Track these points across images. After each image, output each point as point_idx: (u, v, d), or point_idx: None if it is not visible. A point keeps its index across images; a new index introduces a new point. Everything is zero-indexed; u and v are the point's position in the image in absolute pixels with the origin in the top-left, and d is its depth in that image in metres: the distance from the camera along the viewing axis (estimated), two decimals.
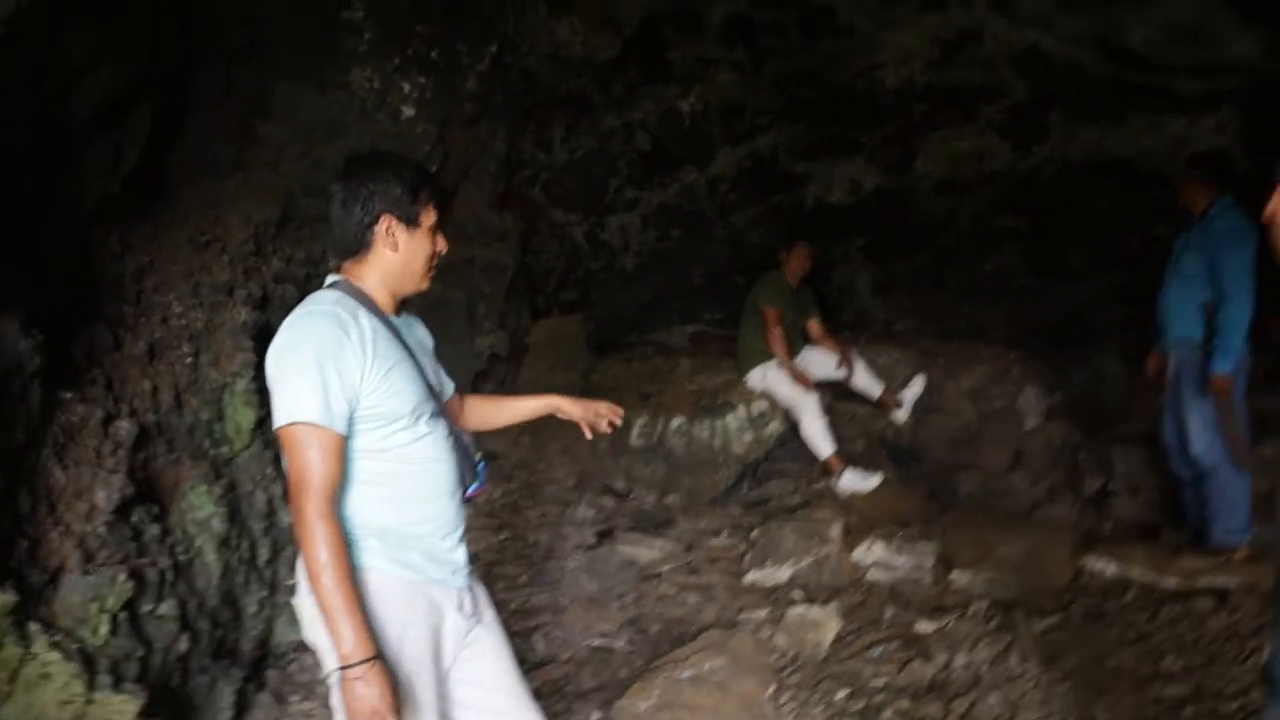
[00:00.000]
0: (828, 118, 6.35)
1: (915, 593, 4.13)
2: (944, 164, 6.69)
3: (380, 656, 1.76)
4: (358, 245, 1.95)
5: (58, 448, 2.69)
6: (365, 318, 1.88)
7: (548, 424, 5.66)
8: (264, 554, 3.67)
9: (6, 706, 2.29)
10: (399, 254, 1.96)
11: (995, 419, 5.98)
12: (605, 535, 4.69)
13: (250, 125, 4.35)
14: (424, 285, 2.04)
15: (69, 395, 2.81)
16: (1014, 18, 5.22)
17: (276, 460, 3.86)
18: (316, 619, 1.91)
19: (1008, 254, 7.25)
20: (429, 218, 1.99)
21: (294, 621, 3.70)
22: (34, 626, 2.35)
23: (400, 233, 1.95)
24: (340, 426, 1.79)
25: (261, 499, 3.70)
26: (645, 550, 4.47)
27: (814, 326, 5.82)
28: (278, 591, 3.72)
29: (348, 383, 1.80)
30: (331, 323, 1.81)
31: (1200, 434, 4.03)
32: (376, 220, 1.92)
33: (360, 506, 1.89)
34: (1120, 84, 5.52)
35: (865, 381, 5.78)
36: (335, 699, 1.91)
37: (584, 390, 6.01)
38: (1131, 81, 5.47)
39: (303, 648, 3.74)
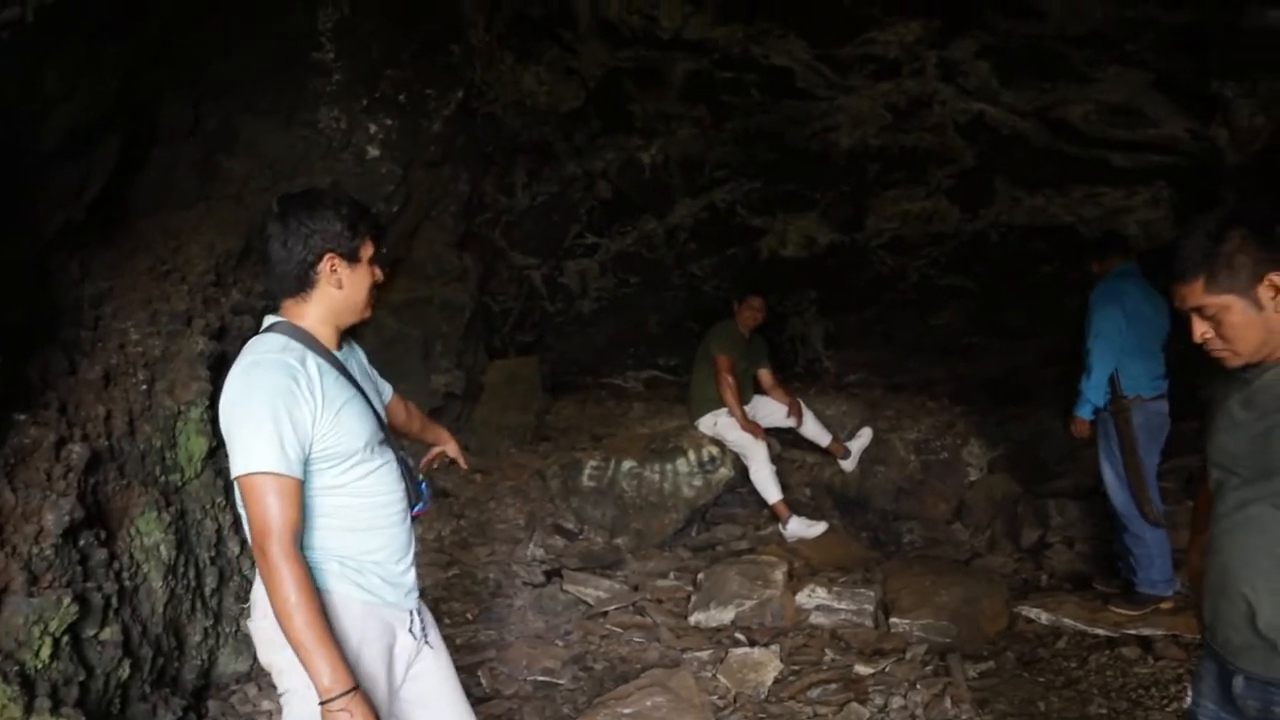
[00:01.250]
0: (784, 174, 6.56)
1: (855, 636, 4.23)
2: (894, 223, 6.92)
3: (359, 687, 1.80)
4: (301, 285, 1.97)
5: (8, 469, 2.70)
6: (312, 360, 1.91)
7: (499, 464, 5.75)
8: (210, 583, 3.66)
9: None
10: (343, 291, 1.98)
11: (939, 471, 6.15)
12: (553, 574, 4.73)
13: (215, 159, 4.39)
14: (366, 314, 2.08)
15: (22, 417, 2.83)
16: (961, 88, 5.48)
17: (227, 489, 3.87)
18: (271, 641, 1.95)
19: (954, 311, 7.47)
20: (367, 250, 2.01)
21: (237, 652, 3.72)
22: None
23: (343, 269, 1.97)
24: (297, 472, 1.83)
25: (210, 527, 3.70)
26: (592, 590, 4.52)
27: (765, 375, 5.96)
28: (222, 621, 3.71)
29: (300, 429, 1.84)
30: (280, 372, 1.85)
31: (1115, 489, 4.23)
32: (320, 259, 1.94)
33: (320, 536, 1.94)
34: (1061, 155, 5.79)
35: (814, 430, 5.92)
36: (289, 718, 1.95)
37: (537, 429, 6.08)
38: (1070, 153, 5.75)
39: (245, 679, 3.72)
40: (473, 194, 5.83)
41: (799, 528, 5.26)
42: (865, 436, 6.07)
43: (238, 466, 1.82)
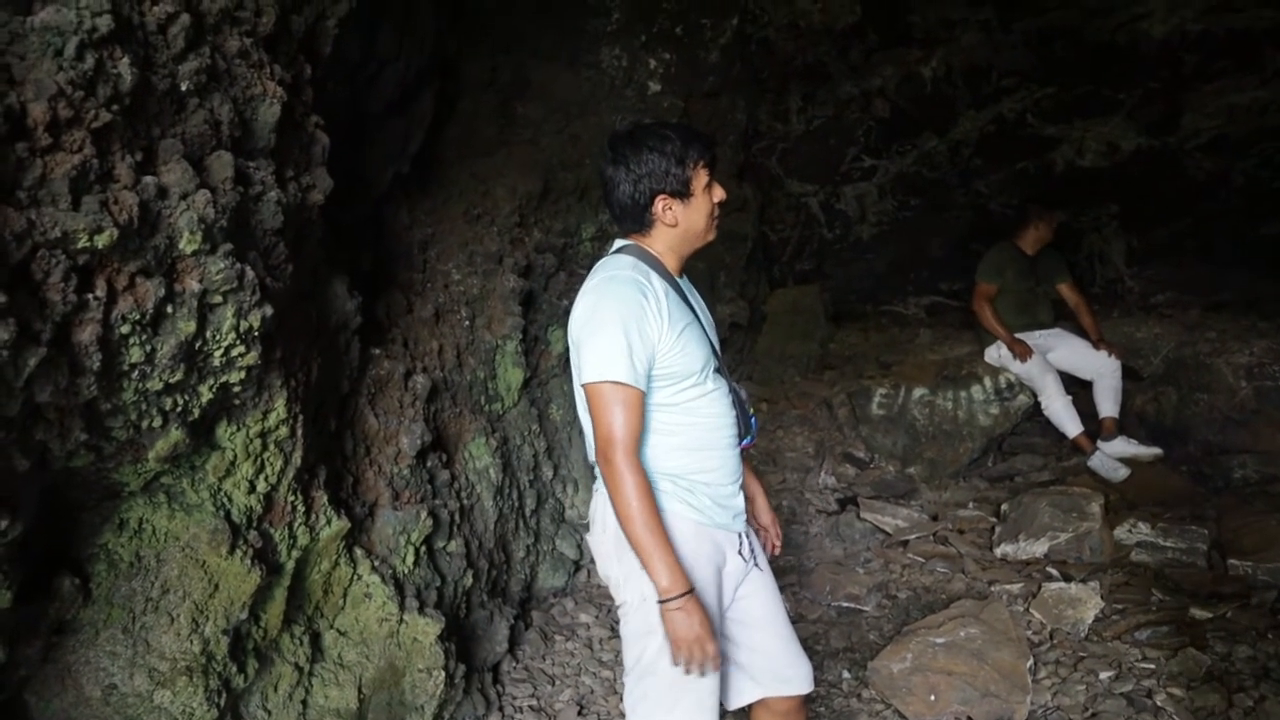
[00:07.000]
0: (1082, 75, 5.96)
1: (1186, 577, 3.87)
2: (1217, 120, 6.13)
3: (694, 590, 1.87)
4: (639, 224, 2.04)
5: (370, 397, 3.03)
6: (658, 282, 1.97)
7: (785, 393, 5.76)
8: (530, 504, 3.95)
9: (339, 618, 2.62)
10: (679, 226, 2.02)
11: (1277, 399, 5.44)
12: (847, 502, 4.70)
13: (511, 106, 4.65)
14: (710, 237, 2.11)
15: (377, 352, 3.15)
16: None
17: (540, 418, 4.15)
18: (609, 556, 2.06)
19: None
20: (700, 179, 2.01)
21: (554, 569, 4.00)
22: (359, 552, 2.68)
23: (676, 206, 2.00)
24: (642, 384, 1.90)
25: (528, 453, 3.99)
26: (890, 518, 4.44)
27: (1066, 290, 5.41)
28: (540, 540, 4.01)
29: (647, 343, 1.90)
30: (632, 288, 1.91)
31: None
32: (651, 202, 1.99)
33: (655, 453, 2.00)
34: None
35: (1104, 396, 5.11)
36: (626, 627, 2.06)
37: (821, 358, 6.02)
38: None
39: (562, 593, 4.01)
40: (749, 122, 5.79)
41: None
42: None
43: (587, 374, 1.90)
